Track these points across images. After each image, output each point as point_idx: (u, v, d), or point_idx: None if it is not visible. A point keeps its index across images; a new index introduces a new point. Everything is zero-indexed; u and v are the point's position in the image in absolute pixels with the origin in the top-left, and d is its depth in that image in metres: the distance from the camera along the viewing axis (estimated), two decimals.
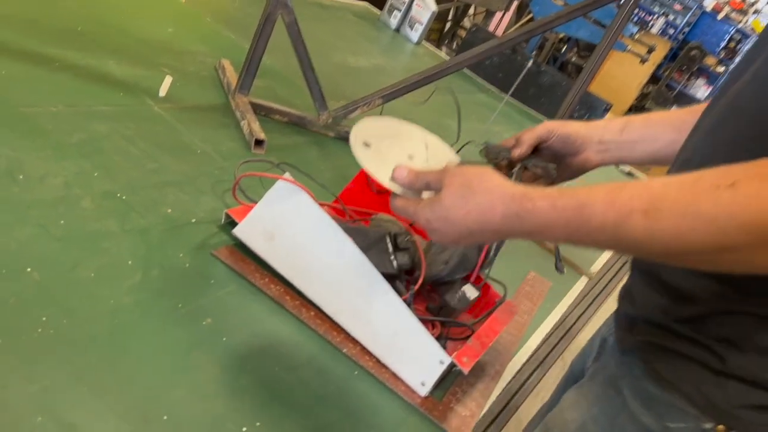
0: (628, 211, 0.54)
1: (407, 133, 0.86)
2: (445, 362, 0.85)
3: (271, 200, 0.90)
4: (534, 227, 0.60)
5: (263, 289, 0.89)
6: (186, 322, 0.78)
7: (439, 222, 0.65)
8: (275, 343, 0.82)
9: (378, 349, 0.88)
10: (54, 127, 0.99)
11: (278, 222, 0.91)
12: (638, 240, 0.54)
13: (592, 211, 0.56)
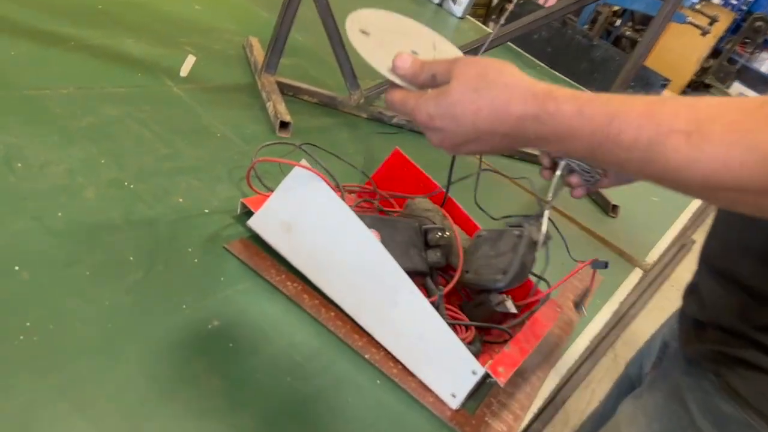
0: (667, 130, 0.45)
1: (413, 30, 0.71)
2: (478, 373, 0.76)
3: (287, 189, 0.82)
4: (553, 133, 0.50)
5: (279, 287, 0.82)
6: (190, 325, 0.70)
7: (443, 119, 0.54)
8: (289, 349, 0.74)
9: (404, 354, 0.80)
10: (62, 110, 0.93)
11: (295, 213, 0.83)
12: (674, 166, 0.45)
13: (626, 123, 0.46)
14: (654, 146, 0.45)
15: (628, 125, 0.46)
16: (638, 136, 0.46)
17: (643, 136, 0.45)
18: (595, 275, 1.03)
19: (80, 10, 1.26)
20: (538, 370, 0.92)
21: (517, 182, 1.49)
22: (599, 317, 1.15)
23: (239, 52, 1.44)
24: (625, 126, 0.46)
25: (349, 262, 0.81)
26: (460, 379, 0.77)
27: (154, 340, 0.66)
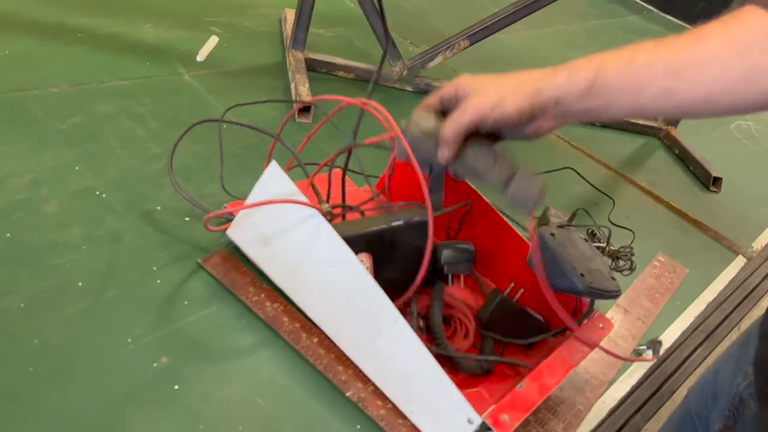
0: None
1: None
2: (474, 422, 0.61)
3: (259, 195, 0.71)
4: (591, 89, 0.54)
5: (253, 309, 0.71)
6: (131, 364, 0.61)
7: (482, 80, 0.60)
8: (253, 388, 0.63)
9: (392, 391, 0.66)
10: (45, 112, 0.87)
11: (269, 223, 0.71)
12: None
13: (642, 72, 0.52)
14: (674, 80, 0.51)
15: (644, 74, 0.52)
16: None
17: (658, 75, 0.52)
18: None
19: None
20: (579, 399, 0.74)
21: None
22: (677, 323, 0.94)
23: (273, 29, 1.32)
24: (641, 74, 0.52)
25: (327, 281, 0.68)
26: (455, 428, 0.62)
27: (81, 380, 0.58)
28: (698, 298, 1.02)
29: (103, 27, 1.10)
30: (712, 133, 1.63)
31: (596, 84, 0.53)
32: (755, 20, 0.48)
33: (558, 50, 1.83)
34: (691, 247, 1.13)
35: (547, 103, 0.56)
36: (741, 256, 1.15)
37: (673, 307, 0.97)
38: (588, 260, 0.74)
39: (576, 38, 1.97)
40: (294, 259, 0.70)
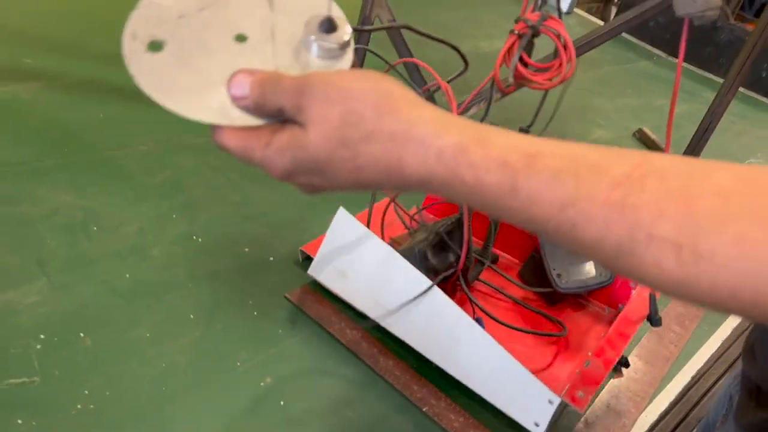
0: (647, 236, 0.31)
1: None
2: (554, 402, 0.72)
3: (334, 236, 0.82)
4: (471, 202, 0.35)
5: (336, 335, 0.81)
6: (242, 383, 0.72)
7: (308, 176, 0.38)
8: (342, 403, 0.73)
9: (479, 388, 0.77)
10: (138, 167, 0.99)
11: (346, 258, 0.82)
12: (657, 282, 0.31)
13: (581, 215, 0.32)
14: (625, 256, 0.32)
15: (587, 219, 0.32)
16: (601, 237, 0.32)
17: (608, 238, 0.32)
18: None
19: None
20: (626, 414, 0.84)
21: None
22: (705, 349, 1.03)
23: None
24: (581, 219, 0.32)
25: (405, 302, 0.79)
26: (539, 409, 0.73)
27: (203, 401, 0.68)
28: (723, 325, 1.11)
29: None
30: None
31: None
32: None
33: (577, 98, 1.95)
34: None
35: None
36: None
37: (701, 332, 1.06)
38: (576, 257, 0.86)
39: (593, 85, 2.10)
40: (370, 284, 0.81)
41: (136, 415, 0.65)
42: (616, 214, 0.31)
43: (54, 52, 1.23)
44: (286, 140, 0.37)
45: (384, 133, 0.35)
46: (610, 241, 0.31)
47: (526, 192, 0.33)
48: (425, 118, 0.34)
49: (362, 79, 0.36)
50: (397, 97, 0.35)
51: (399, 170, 0.35)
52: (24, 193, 0.87)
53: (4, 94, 1.05)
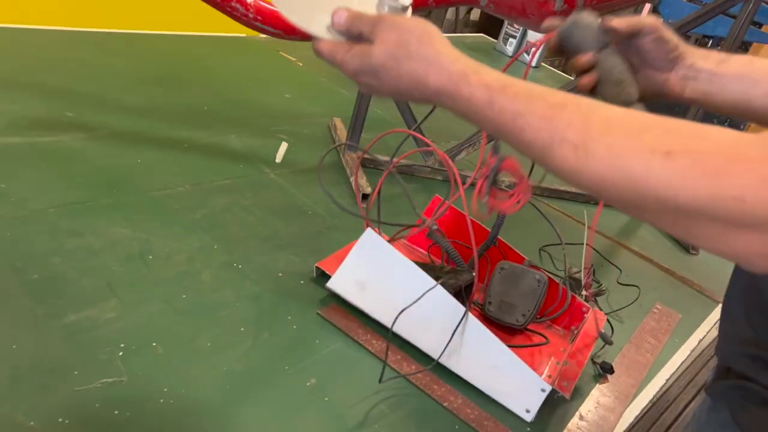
0: (560, 138, 0.50)
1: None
2: (546, 390, 0.88)
3: (360, 252, 0.96)
4: (466, 114, 0.57)
5: (365, 345, 0.94)
6: (291, 384, 0.84)
7: (368, 76, 0.60)
8: (376, 399, 0.86)
9: (480, 383, 0.92)
10: (180, 206, 1.12)
11: (368, 271, 0.96)
12: (563, 172, 0.51)
13: (527, 122, 0.52)
14: (547, 150, 0.51)
15: (529, 126, 0.52)
16: (536, 138, 0.51)
17: (539, 139, 0.51)
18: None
19: (191, 114, 1.49)
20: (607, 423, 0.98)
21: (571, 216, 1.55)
22: (677, 356, 1.19)
23: (325, 133, 1.61)
24: (526, 126, 0.52)
25: (418, 308, 0.93)
26: (532, 397, 0.89)
27: (262, 398, 0.81)
28: (691, 337, 1.27)
29: (201, 138, 1.38)
30: None
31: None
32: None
33: None
34: (680, 298, 1.39)
35: None
36: (720, 304, 1.41)
37: (672, 343, 1.21)
38: (518, 296, 1.03)
39: None
40: (388, 294, 0.95)
41: (208, 408, 0.77)
42: (545, 123, 0.51)
43: (90, 107, 1.37)
44: (359, 50, 0.59)
45: (420, 55, 0.56)
46: (540, 142, 0.51)
47: (497, 105, 0.53)
48: (447, 52, 0.56)
49: (415, 20, 0.59)
50: (434, 35, 0.58)
51: (425, 82, 0.56)
52: (86, 227, 0.99)
53: (56, 143, 1.19)
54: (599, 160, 0.48)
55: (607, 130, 0.48)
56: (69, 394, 0.72)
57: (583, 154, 0.49)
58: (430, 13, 4.20)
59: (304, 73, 2.01)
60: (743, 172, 0.42)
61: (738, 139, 0.44)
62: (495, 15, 1.41)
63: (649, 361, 1.14)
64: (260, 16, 1.26)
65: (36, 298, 0.84)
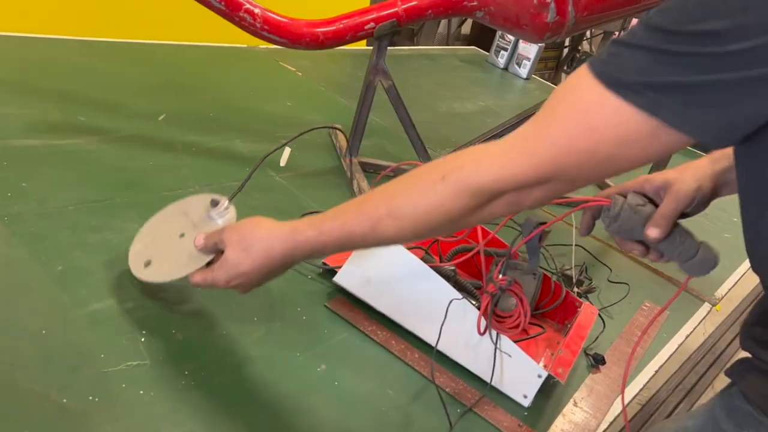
0: (377, 219, 0.67)
1: (172, 214, 0.96)
2: (542, 376, 0.93)
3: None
4: (313, 253, 0.74)
5: (371, 336, 0.99)
6: (303, 370, 0.89)
7: (237, 278, 0.77)
8: (383, 385, 0.91)
9: (480, 370, 0.97)
10: None
11: (373, 266, 1.01)
12: (394, 238, 0.68)
13: (352, 227, 0.69)
14: (376, 232, 0.67)
15: (353, 227, 0.69)
16: (363, 231, 0.68)
17: (366, 229, 0.68)
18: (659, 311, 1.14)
19: (197, 120, 1.54)
20: (597, 414, 1.03)
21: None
22: (663, 351, 1.24)
23: (326, 140, 1.67)
24: (353, 228, 0.69)
25: (421, 301, 0.98)
26: (529, 383, 0.94)
27: (277, 381, 0.86)
28: (678, 333, 1.33)
29: (208, 142, 1.43)
30: None
31: None
32: None
33: None
34: (667, 296, 1.44)
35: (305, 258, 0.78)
36: (706, 303, 1.48)
37: (660, 338, 1.27)
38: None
39: None
40: (392, 288, 1.00)
41: (227, 390, 0.82)
42: (361, 217, 0.69)
43: (102, 112, 1.42)
44: (219, 263, 0.78)
45: (257, 237, 0.75)
46: (367, 231, 0.68)
47: (326, 229, 0.71)
48: (275, 227, 0.76)
49: (245, 220, 0.80)
50: (261, 222, 0.78)
51: (271, 253, 0.74)
52: (105, 224, 1.04)
53: (71, 146, 1.24)
54: (409, 215, 0.66)
55: (399, 190, 0.67)
56: (97, 375, 0.77)
57: (397, 217, 0.66)
58: (423, 26, 4.29)
59: (304, 83, 2.07)
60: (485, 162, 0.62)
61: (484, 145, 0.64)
62: (489, 26, 1.48)
63: (638, 353, 1.19)
64: (267, 26, 1.32)
65: (61, 288, 0.88)
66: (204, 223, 0.92)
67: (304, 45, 1.38)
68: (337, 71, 2.31)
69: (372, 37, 1.40)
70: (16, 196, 1.04)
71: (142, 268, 0.90)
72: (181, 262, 0.85)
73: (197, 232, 0.86)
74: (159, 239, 0.94)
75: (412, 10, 1.38)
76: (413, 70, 2.61)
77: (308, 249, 0.73)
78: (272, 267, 0.76)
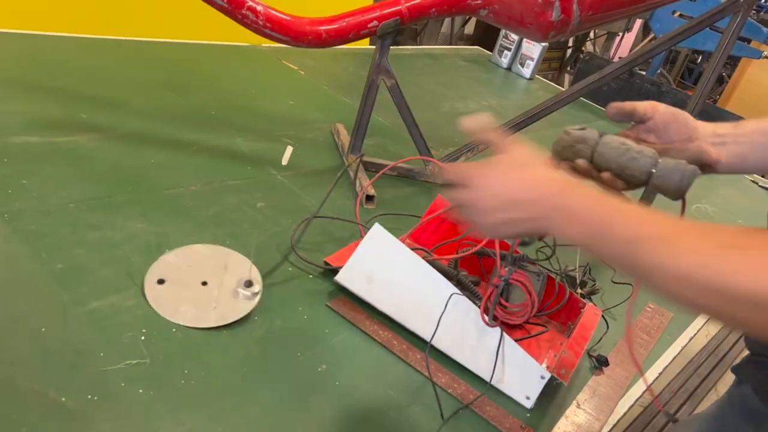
0: (648, 235, 0.54)
1: (216, 256, 0.99)
2: (545, 377, 0.92)
3: (367, 246, 1.01)
4: (570, 213, 0.60)
5: (372, 336, 0.99)
6: (304, 369, 0.88)
7: (494, 179, 0.65)
8: (384, 385, 0.90)
9: (481, 370, 0.96)
10: (193, 203, 1.16)
11: (375, 265, 1.01)
12: (648, 266, 0.53)
13: (621, 219, 0.56)
14: (636, 244, 0.54)
15: (620, 221, 0.56)
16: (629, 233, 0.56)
17: (631, 232, 0.55)
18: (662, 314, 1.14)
19: (199, 118, 1.53)
20: (600, 415, 1.02)
21: None
22: (667, 353, 1.23)
23: (328, 138, 1.66)
24: (620, 222, 0.56)
25: (423, 300, 0.97)
26: (532, 384, 0.93)
27: (277, 381, 0.85)
28: (682, 335, 1.32)
29: (209, 140, 1.42)
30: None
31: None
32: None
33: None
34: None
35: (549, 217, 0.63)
36: None
37: (664, 340, 1.26)
38: (519, 291, 1.06)
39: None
40: (394, 287, 0.99)
41: (226, 389, 0.81)
42: (637, 220, 0.57)
43: (103, 110, 1.41)
44: (491, 159, 0.69)
45: (536, 166, 0.67)
46: (632, 235, 0.55)
47: (598, 203, 0.60)
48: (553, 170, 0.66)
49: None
50: (542, 161, 0.69)
51: (541, 184, 0.64)
52: (105, 221, 1.03)
53: (72, 143, 1.23)
54: (685, 252, 0.51)
55: (688, 229, 0.54)
56: (96, 374, 0.76)
57: (671, 248, 0.52)
58: (426, 25, 4.29)
59: (306, 81, 2.06)
60: None
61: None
62: (494, 24, 1.47)
63: (642, 355, 1.19)
64: (269, 24, 1.31)
65: (61, 286, 0.88)
66: (227, 288, 0.94)
67: (307, 43, 1.37)
68: (340, 70, 2.30)
69: (375, 35, 1.39)
70: (16, 193, 1.03)
71: (154, 282, 0.92)
72: (188, 308, 0.89)
73: (216, 291, 0.92)
74: (187, 269, 0.96)
75: (415, 9, 1.37)
76: (416, 69, 2.60)
77: (578, 204, 0.60)
78: (527, 199, 0.62)
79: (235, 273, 0.96)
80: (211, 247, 1.02)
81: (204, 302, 0.91)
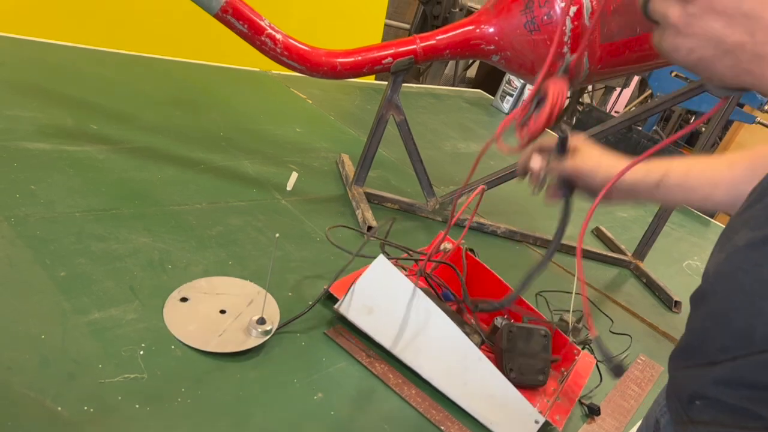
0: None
1: (243, 290, 1.01)
2: (539, 421, 0.92)
3: (370, 277, 1.01)
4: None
5: (368, 368, 0.98)
6: (300, 396, 0.88)
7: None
8: (378, 419, 0.90)
9: (476, 410, 0.96)
10: (197, 222, 1.17)
11: (376, 297, 1.01)
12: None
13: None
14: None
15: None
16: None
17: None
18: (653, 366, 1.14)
19: (207, 138, 1.55)
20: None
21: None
22: None
23: (333, 168, 1.68)
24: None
25: (422, 336, 0.97)
26: (525, 428, 0.93)
27: (273, 406, 0.84)
28: None
29: (216, 161, 1.43)
30: (668, 268, 2.01)
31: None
32: None
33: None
34: (663, 351, 1.44)
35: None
36: None
37: (653, 393, 1.27)
38: (530, 356, 1.05)
39: None
40: (394, 320, 0.99)
41: (222, 411, 0.80)
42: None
43: (113, 122, 1.42)
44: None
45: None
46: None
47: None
48: None
49: None
50: None
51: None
52: (110, 233, 1.03)
53: (81, 153, 1.23)
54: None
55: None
56: (94, 385, 0.76)
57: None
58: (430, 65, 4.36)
59: (313, 110, 2.09)
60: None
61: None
62: (504, 70, 1.51)
63: (633, 407, 1.19)
64: (287, 52, 1.33)
65: (63, 294, 0.87)
66: (242, 321, 0.94)
67: (322, 74, 1.39)
68: (347, 102, 2.33)
69: (388, 71, 1.42)
70: (24, 198, 1.03)
71: (178, 298, 0.94)
72: (195, 328, 0.90)
73: (230, 321, 0.93)
74: (214, 296, 0.98)
75: (430, 49, 1.40)
76: (419, 107, 2.64)
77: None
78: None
79: (256, 310, 0.96)
80: (249, 284, 1.03)
81: (212, 328, 0.91)
